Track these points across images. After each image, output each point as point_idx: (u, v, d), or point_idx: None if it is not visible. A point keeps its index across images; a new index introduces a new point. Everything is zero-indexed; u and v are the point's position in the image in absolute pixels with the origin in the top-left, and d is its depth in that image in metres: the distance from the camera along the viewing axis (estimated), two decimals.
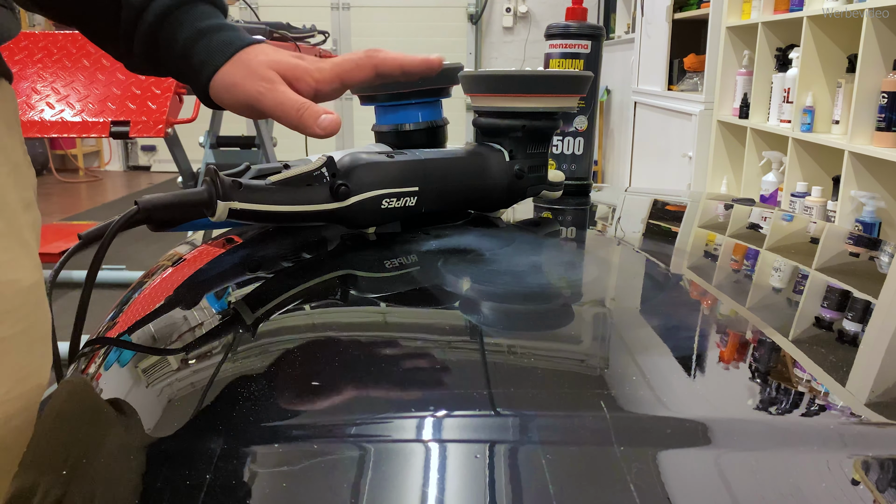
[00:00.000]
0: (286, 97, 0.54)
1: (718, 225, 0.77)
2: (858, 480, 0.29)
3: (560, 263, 0.58)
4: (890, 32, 2.05)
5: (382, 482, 0.28)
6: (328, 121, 0.53)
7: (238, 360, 0.39)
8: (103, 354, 0.44)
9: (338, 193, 0.55)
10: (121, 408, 0.37)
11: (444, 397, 0.34)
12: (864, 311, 0.49)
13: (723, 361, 0.39)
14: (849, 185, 2.16)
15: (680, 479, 0.28)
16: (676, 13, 3.43)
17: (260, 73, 0.55)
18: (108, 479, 0.31)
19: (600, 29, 0.85)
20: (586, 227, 0.75)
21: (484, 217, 0.69)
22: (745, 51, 2.91)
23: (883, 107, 2.04)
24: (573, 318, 0.45)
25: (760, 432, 0.31)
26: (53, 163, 5.98)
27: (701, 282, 0.54)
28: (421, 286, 0.50)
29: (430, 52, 0.62)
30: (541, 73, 0.65)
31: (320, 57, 2.90)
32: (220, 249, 0.63)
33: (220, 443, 0.31)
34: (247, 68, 0.55)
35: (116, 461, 0.32)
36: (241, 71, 0.55)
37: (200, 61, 0.56)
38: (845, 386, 0.36)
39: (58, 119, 2.09)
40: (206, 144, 2.72)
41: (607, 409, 0.32)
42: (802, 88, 2.44)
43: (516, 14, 5.71)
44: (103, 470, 0.31)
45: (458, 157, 0.64)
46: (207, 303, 0.49)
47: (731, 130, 3.06)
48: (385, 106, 0.74)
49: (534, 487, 0.27)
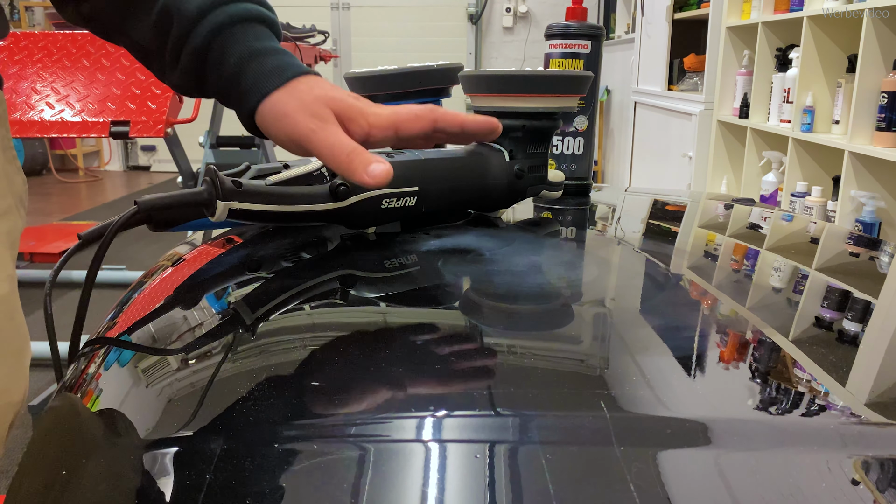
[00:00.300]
0: (338, 139, 0.51)
1: (718, 225, 0.77)
2: (858, 480, 0.29)
3: (560, 263, 0.58)
4: (890, 32, 2.05)
5: (382, 482, 0.28)
6: (379, 170, 0.49)
7: (238, 360, 0.39)
8: (103, 354, 0.44)
9: (337, 193, 0.55)
10: (113, 419, 0.37)
11: (444, 397, 0.34)
12: (864, 311, 0.49)
13: (723, 361, 0.39)
14: (849, 185, 2.16)
15: (680, 479, 0.28)
16: (676, 13, 3.43)
17: (314, 109, 0.52)
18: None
19: (600, 29, 0.85)
20: (586, 227, 0.75)
21: (484, 217, 0.69)
22: (745, 51, 2.91)
23: (883, 107, 2.04)
24: (573, 318, 0.45)
25: (760, 432, 0.31)
26: (53, 163, 5.98)
27: (701, 282, 0.54)
28: (421, 286, 0.50)
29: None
30: (541, 73, 0.65)
31: (322, 59, 2.90)
32: (220, 249, 0.63)
33: (220, 443, 0.31)
34: (300, 101, 0.52)
35: (105, 478, 0.32)
36: (293, 102, 0.52)
37: (250, 84, 0.53)
38: (845, 386, 0.36)
39: (58, 119, 2.09)
40: (206, 144, 2.73)
41: (607, 409, 0.32)
42: (802, 88, 2.44)
43: (516, 14, 5.71)
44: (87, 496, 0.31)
45: (458, 157, 0.64)
46: (207, 303, 0.49)
47: (731, 130, 3.06)
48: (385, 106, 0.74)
49: (534, 487, 0.27)
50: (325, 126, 0.51)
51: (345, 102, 0.53)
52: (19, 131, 2.08)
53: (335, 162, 0.50)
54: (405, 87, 0.73)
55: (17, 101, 2.11)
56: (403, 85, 0.72)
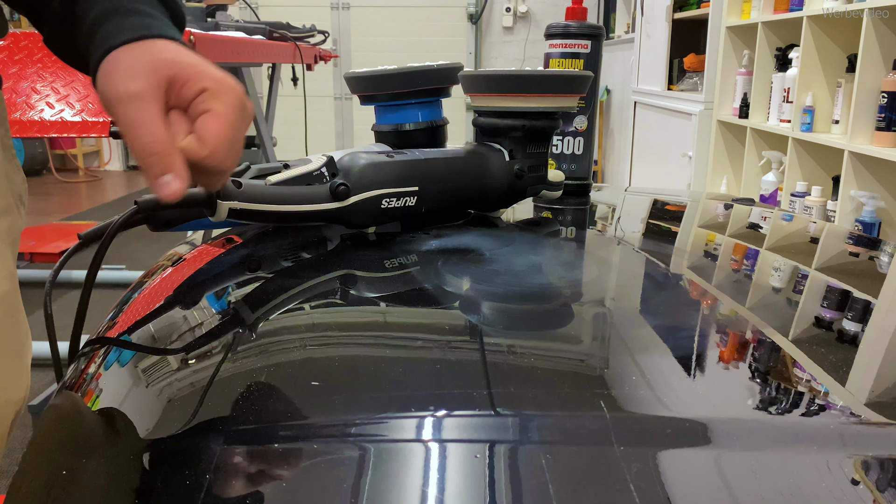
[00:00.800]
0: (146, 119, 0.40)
1: (718, 225, 0.77)
2: (858, 480, 0.29)
3: (560, 263, 0.58)
4: (890, 32, 2.05)
5: (382, 482, 0.28)
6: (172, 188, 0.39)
7: (238, 360, 0.39)
8: (103, 354, 0.44)
9: (338, 193, 0.55)
10: (113, 418, 0.37)
11: (444, 397, 0.34)
12: (864, 311, 0.49)
13: (723, 361, 0.39)
14: (849, 184, 2.16)
15: (680, 479, 0.28)
16: (676, 13, 3.43)
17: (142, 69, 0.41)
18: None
19: (600, 29, 0.85)
20: (586, 226, 0.74)
21: (484, 217, 0.69)
22: (744, 51, 2.91)
23: (883, 107, 2.04)
24: (573, 318, 0.45)
25: (760, 432, 0.31)
26: (53, 162, 5.98)
27: (701, 282, 0.54)
28: (421, 286, 0.50)
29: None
30: (541, 73, 0.65)
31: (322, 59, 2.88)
32: (220, 249, 0.63)
33: (220, 443, 0.31)
34: (135, 61, 0.42)
35: (106, 478, 0.32)
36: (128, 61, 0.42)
37: (100, 39, 0.44)
38: (845, 386, 0.36)
39: (57, 119, 2.08)
40: None
41: (607, 409, 0.32)
42: (802, 88, 2.44)
43: (516, 14, 5.71)
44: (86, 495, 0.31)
45: (457, 156, 0.64)
46: (207, 303, 0.49)
47: (730, 130, 3.06)
48: (385, 106, 0.74)
49: (534, 487, 0.27)
50: (141, 96, 0.40)
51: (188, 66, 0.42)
52: (19, 131, 2.08)
53: (133, 146, 0.40)
54: (405, 87, 0.73)
55: (16, 101, 2.11)
56: (403, 85, 0.72)
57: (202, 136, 0.41)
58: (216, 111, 0.41)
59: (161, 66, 0.41)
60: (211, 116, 0.41)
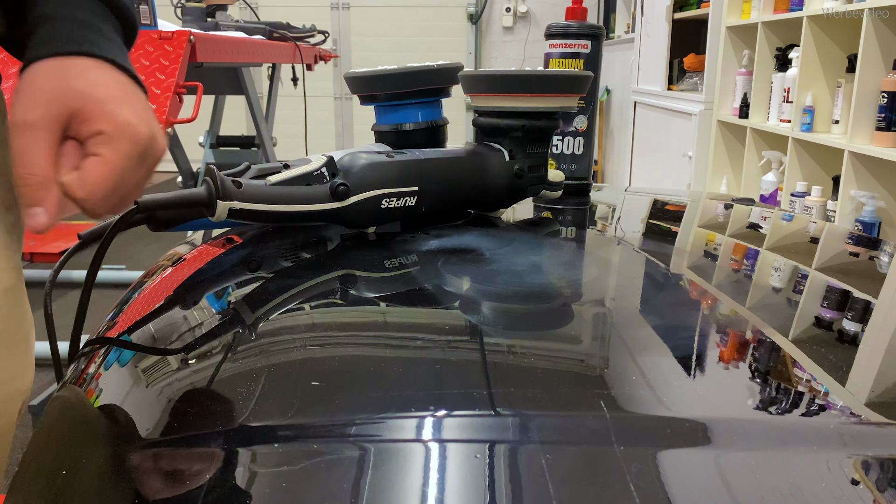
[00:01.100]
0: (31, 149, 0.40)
1: (718, 225, 0.77)
2: (858, 480, 0.29)
3: (560, 263, 0.58)
4: (890, 32, 2.05)
5: (382, 482, 0.28)
6: (37, 221, 0.40)
7: (238, 360, 0.39)
8: (103, 354, 0.44)
9: (338, 193, 0.55)
10: (113, 417, 0.37)
11: (444, 397, 0.34)
12: (864, 311, 0.49)
13: (723, 361, 0.39)
14: (848, 184, 2.16)
15: (680, 479, 0.28)
16: (676, 13, 3.43)
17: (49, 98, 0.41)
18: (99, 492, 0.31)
19: (600, 29, 0.85)
20: (586, 226, 0.74)
21: (484, 217, 0.69)
22: (744, 50, 2.91)
23: (883, 106, 2.04)
24: (573, 317, 0.45)
25: (760, 432, 0.31)
26: None
27: (701, 282, 0.54)
28: (421, 286, 0.50)
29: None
30: (541, 73, 0.65)
31: (322, 59, 2.89)
32: (220, 249, 0.63)
33: (220, 443, 0.31)
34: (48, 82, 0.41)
35: (106, 478, 0.32)
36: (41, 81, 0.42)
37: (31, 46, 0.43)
38: (845, 386, 0.36)
39: None
40: (206, 144, 2.72)
41: (607, 409, 0.32)
42: (802, 88, 2.44)
43: (516, 14, 5.71)
44: (92, 486, 0.31)
45: (457, 156, 0.64)
46: (207, 303, 0.49)
47: (731, 130, 3.06)
48: (385, 106, 0.74)
49: (534, 487, 0.27)
50: (36, 127, 0.40)
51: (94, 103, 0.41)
52: None
53: (14, 172, 0.41)
54: (405, 87, 0.73)
55: None
56: (403, 85, 0.72)
57: (83, 179, 0.41)
58: (105, 157, 0.41)
59: (66, 98, 0.41)
60: (97, 162, 0.41)
